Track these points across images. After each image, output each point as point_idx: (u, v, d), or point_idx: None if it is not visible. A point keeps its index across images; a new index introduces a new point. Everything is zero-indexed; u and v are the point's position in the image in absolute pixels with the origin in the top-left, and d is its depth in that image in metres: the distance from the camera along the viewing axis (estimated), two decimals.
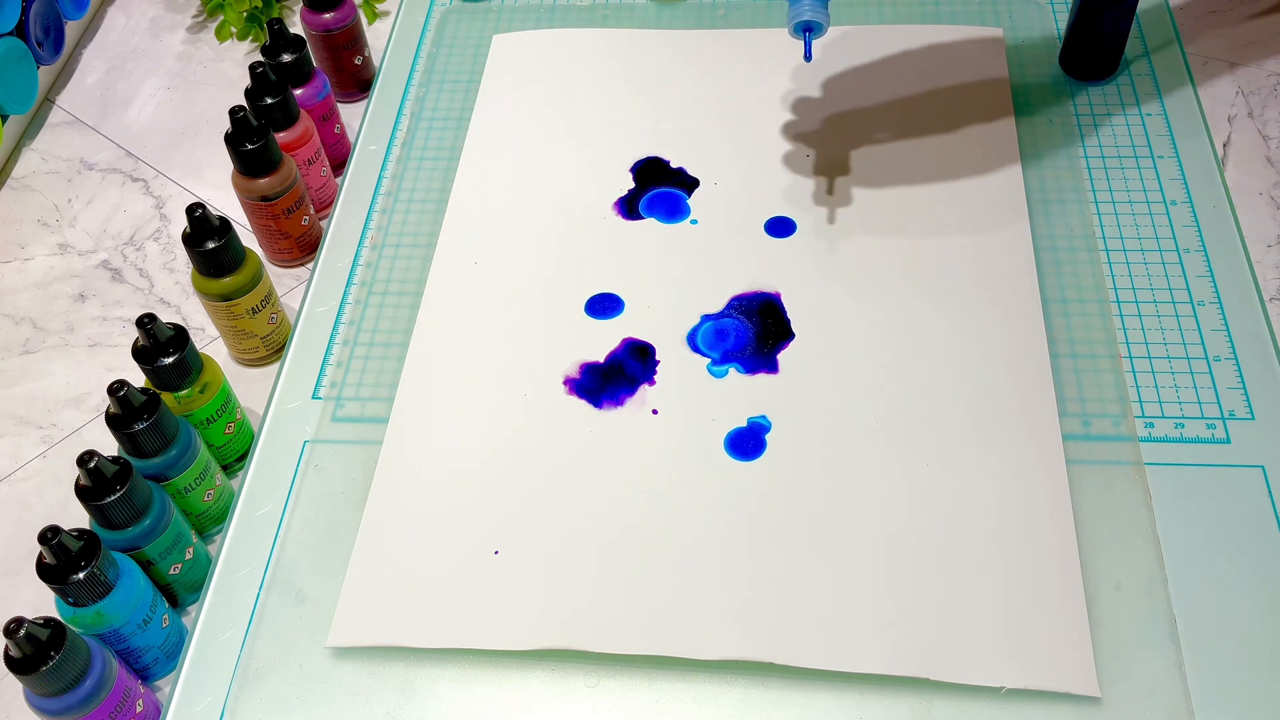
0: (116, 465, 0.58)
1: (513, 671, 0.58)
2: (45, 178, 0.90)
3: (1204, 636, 0.57)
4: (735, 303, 0.71)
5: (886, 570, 0.59)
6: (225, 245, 0.69)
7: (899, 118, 0.81)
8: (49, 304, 0.82)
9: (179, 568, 0.63)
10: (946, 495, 0.62)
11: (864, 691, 0.56)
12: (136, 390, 0.60)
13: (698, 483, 0.63)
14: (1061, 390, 0.66)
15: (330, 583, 0.62)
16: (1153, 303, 0.70)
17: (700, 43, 0.88)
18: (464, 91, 0.87)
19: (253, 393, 0.75)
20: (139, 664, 0.61)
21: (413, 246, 0.77)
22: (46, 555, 0.55)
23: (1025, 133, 0.79)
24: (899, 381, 0.67)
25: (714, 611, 0.58)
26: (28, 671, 0.53)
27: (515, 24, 0.91)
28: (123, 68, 0.99)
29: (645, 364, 0.69)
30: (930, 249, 0.73)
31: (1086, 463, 0.63)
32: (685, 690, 0.57)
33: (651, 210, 0.77)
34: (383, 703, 0.58)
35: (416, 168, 0.82)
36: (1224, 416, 0.65)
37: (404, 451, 0.66)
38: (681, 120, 0.83)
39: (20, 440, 0.74)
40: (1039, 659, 0.56)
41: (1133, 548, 0.60)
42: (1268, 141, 0.82)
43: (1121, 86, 0.82)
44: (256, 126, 0.74)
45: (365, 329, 0.73)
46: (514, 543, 0.62)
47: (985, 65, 0.83)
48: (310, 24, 0.87)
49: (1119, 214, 0.75)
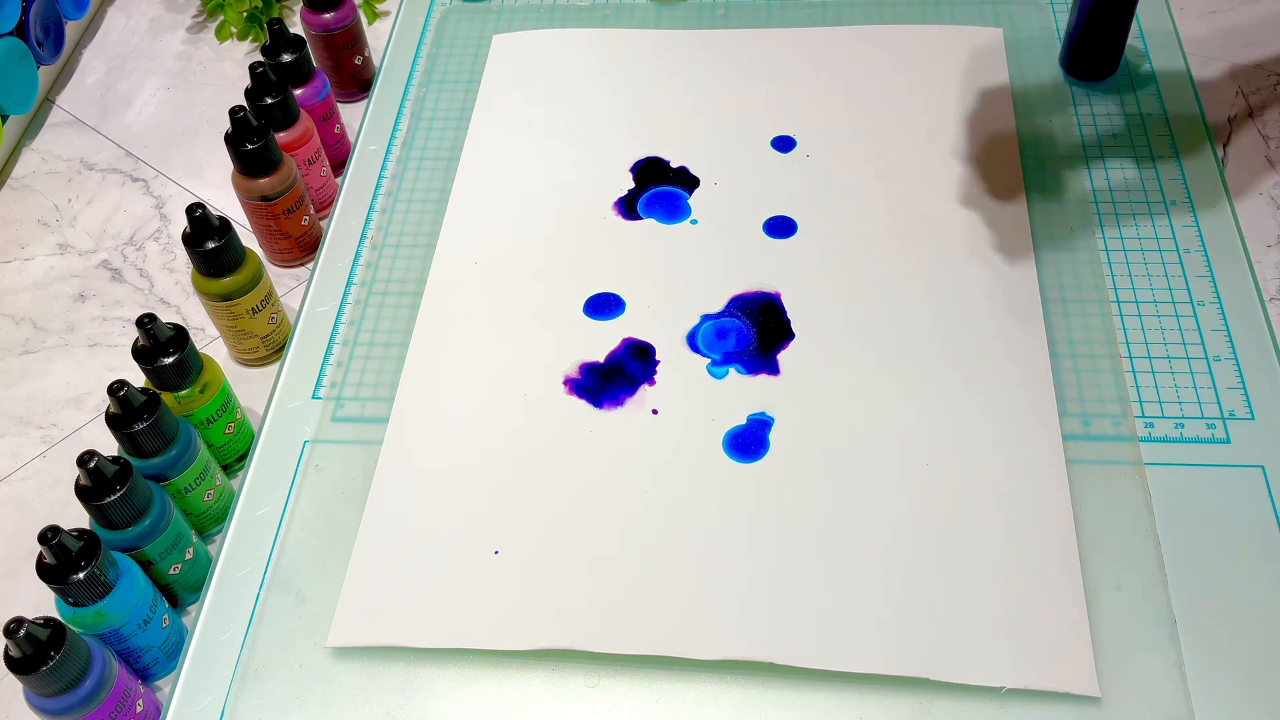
0: (116, 465, 0.58)
1: (513, 671, 0.58)
2: (45, 178, 0.90)
3: (1204, 636, 0.57)
4: (735, 303, 0.71)
5: (886, 570, 0.59)
6: (225, 245, 0.69)
7: (899, 118, 0.81)
8: (49, 304, 0.82)
9: (179, 568, 0.63)
10: (946, 495, 0.62)
11: (864, 691, 0.56)
12: (136, 390, 0.60)
13: (698, 483, 0.63)
14: (1061, 390, 0.66)
15: (330, 583, 0.62)
16: (1153, 303, 0.70)
17: (700, 43, 0.88)
18: (464, 91, 0.87)
19: (253, 393, 0.75)
20: (139, 664, 0.61)
21: (413, 246, 0.77)
22: (46, 555, 0.55)
23: (1025, 133, 0.79)
24: (898, 381, 0.67)
25: (714, 611, 0.58)
26: (28, 671, 0.53)
27: (515, 24, 0.91)
28: (123, 68, 0.99)
29: (645, 364, 0.69)
30: (930, 249, 0.73)
31: (1086, 463, 0.63)
32: (685, 690, 0.57)
33: (651, 210, 0.77)
34: (383, 703, 0.58)
35: (416, 168, 0.82)
36: (1224, 416, 0.65)
37: (404, 451, 0.66)
38: (681, 120, 0.83)
39: (20, 440, 0.74)
40: (1039, 659, 0.56)
41: (1133, 548, 0.60)
42: (1268, 141, 0.82)
43: (1121, 86, 0.82)
44: (256, 126, 0.74)
45: (365, 329, 0.73)
46: (514, 543, 0.62)
47: (985, 65, 0.83)
48: (310, 24, 0.87)
49: (1119, 214, 0.75)
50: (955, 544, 0.60)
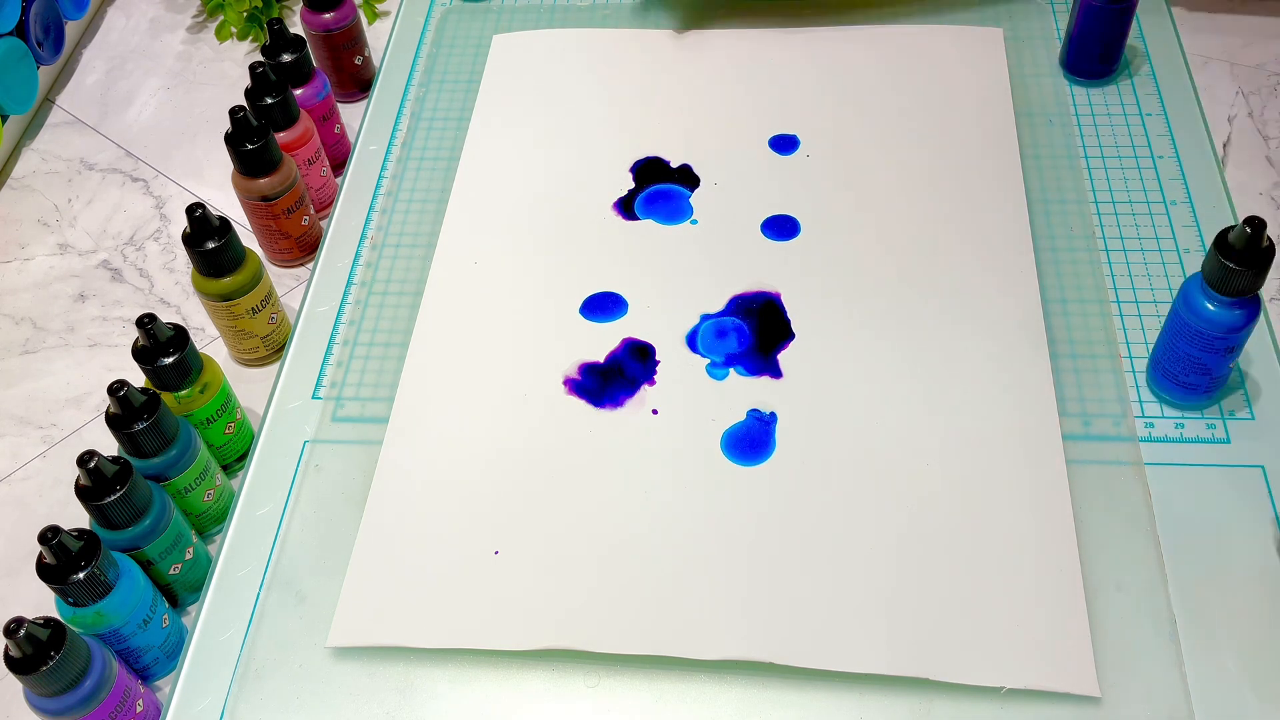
0: (116, 465, 0.58)
1: (512, 671, 0.58)
2: (45, 178, 0.90)
3: (1204, 636, 0.57)
4: (735, 303, 0.71)
5: (886, 570, 0.59)
6: (225, 245, 0.69)
7: (899, 118, 0.81)
8: (49, 304, 0.82)
9: (179, 568, 0.63)
10: (946, 495, 0.62)
11: (864, 691, 0.56)
12: (136, 390, 0.60)
13: (697, 483, 0.63)
14: (1061, 390, 0.66)
15: (330, 583, 0.62)
16: (1153, 303, 0.70)
17: (700, 42, 0.88)
18: (464, 91, 0.87)
19: (253, 393, 0.75)
20: (139, 664, 0.61)
21: (413, 246, 0.77)
22: (46, 555, 0.55)
23: (1025, 133, 0.79)
24: (898, 381, 0.67)
25: (713, 611, 0.58)
26: (28, 671, 0.53)
27: (515, 24, 0.91)
28: (123, 68, 0.99)
29: (645, 364, 0.69)
30: (930, 249, 0.73)
31: (1086, 463, 0.63)
32: (685, 690, 0.57)
33: (651, 209, 0.77)
34: (383, 703, 0.58)
35: (416, 168, 0.82)
36: (1224, 416, 0.65)
37: (404, 451, 0.66)
38: (681, 120, 0.82)
39: (20, 440, 0.74)
40: (1039, 659, 0.56)
41: (1133, 548, 0.60)
42: (1268, 141, 0.82)
43: (1121, 86, 0.82)
44: (256, 126, 0.74)
45: (365, 329, 0.73)
46: (514, 543, 0.62)
47: (985, 65, 0.83)
48: (310, 24, 0.87)
49: (1119, 214, 0.75)
50: (955, 544, 0.60)
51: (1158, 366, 0.65)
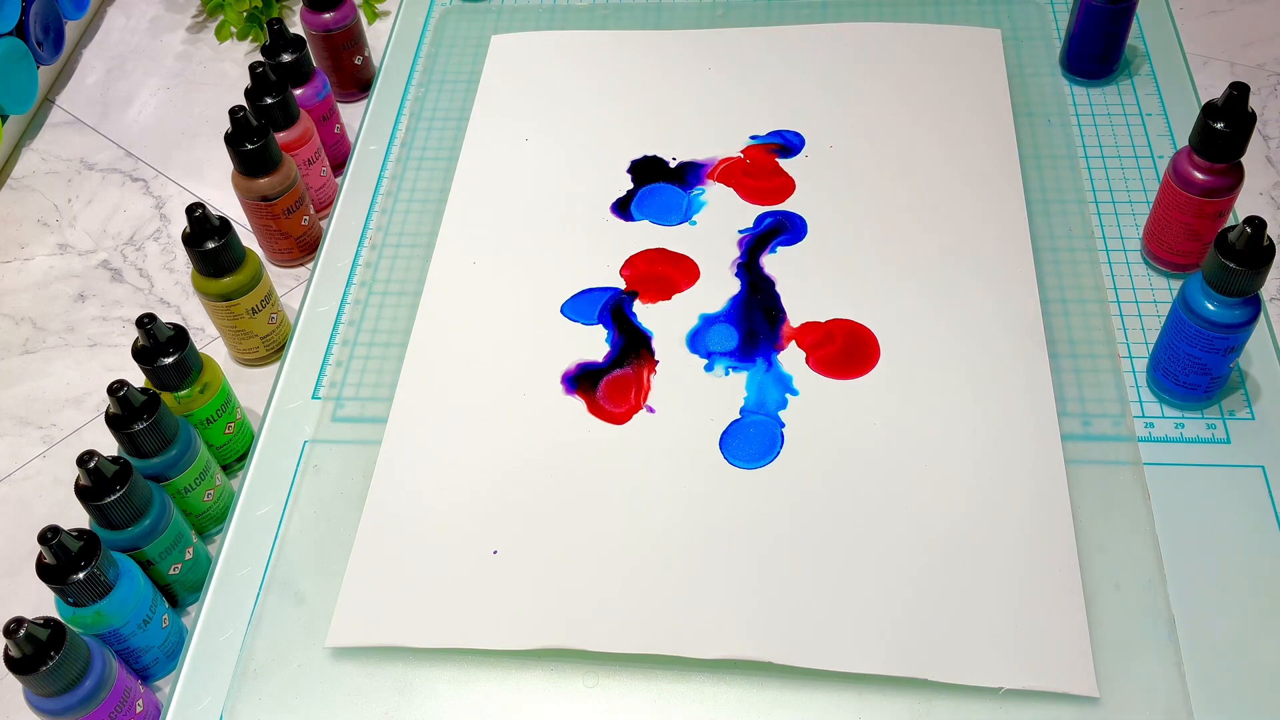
0: (116, 465, 0.58)
1: (511, 671, 0.58)
2: (45, 178, 0.90)
3: (1204, 636, 0.57)
4: (735, 303, 0.71)
5: (885, 570, 0.59)
6: (225, 245, 0.69)
7: (898, 118, 0.81)
8: (49, 304, 0.82)
9: (179, 568, 0.63)
10: (945, 495, 0.62)
11: (863, 691, 0.56)
12: (136, 390, 0.60)
13: (695, 482, 0.63)
14: (1061, 390, 0.66)
15: (329, 583, 0.62)
16: (1153, 303, 0.70)
17: (699, 43, 0.88)
18: (464, 91, 0.87)
19: (253, 393, 0.75)
20: (139, 664, 0.61)
21: (412, 246, 0.77)
22: (46, 555, 0.55)
23: (1025, 133, 0.79)
24: (897, 382, 0.67)
25: (712, 611, 0.58)
26: (28, 671, 0.53)
27: (515, 24, 0.91)
28: (123, 68, 0.99)
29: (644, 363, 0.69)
30: (930, 249, 0.73)
31: (1086, 463, 0.63)
32: (684, 690, 0.57)
33: (650, 208, 0.77)
34: (382, 703, 0.58)
35: (416, 168, 0.82)
36: (1224, 416, 0.65)
37: (403, 451, 0.66)
38: (680, 120, 0.82)
39: (20, 440, 0.74)
40: (1038, 659, 0.56)
41: (1132, 548, 0.60)
42: (1268, 141, 0.82)
43: (1121, 86, 0.82)
44: (256, 126, 0.74)
45: (365, 329, 0.73)
46: (512, 542, 0.62)
47: (984, 65, 0.83)
48: (310, 24, 0.87)
49: (1119, 214, 0.75)
50: (954, 544, 0.60)
51: (1158, 366, 0.65)
